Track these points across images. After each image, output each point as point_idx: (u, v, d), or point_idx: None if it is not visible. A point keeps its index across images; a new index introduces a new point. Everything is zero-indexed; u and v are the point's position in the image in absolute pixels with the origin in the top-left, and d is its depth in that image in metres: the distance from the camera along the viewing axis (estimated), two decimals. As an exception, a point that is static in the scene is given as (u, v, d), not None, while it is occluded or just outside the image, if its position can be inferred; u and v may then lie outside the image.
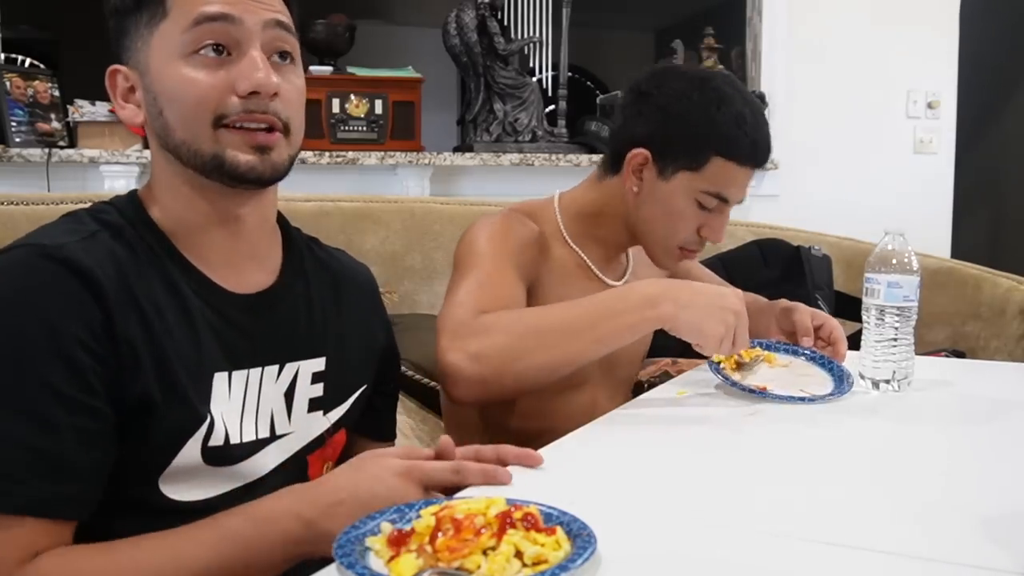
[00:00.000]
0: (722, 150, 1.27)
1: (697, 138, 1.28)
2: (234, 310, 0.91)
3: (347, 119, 2.88)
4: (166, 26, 0.86)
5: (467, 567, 0.65)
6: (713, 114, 1.27)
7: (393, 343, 1.14)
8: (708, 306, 1.13)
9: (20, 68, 2.69)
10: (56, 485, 0.76)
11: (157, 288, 0.86)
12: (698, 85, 1.30)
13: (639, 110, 1.33)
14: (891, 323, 1.24)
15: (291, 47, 0.90)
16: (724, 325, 1.12)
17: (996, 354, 2.32)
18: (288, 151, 0.90)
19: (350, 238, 2.04)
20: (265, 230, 0.96)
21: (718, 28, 3.53)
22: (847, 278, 2.34)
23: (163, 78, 0.87)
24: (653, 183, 1.31)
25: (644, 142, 1.31)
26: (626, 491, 0.88)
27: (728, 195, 1.31)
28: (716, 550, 0.73)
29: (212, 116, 0.85)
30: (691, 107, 1.28)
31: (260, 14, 0.87)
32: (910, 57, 3.64)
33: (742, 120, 1.27)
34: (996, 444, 1.07)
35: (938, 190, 3.70)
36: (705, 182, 1.28)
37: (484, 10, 3.06)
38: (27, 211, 1.62)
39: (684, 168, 1.29)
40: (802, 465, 0.98)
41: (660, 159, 1.30)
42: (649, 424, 1.14)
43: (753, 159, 1.30)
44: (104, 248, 0.84)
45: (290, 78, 0.90)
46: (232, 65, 0.86)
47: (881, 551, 0.72)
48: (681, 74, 1.34)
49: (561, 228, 1.38)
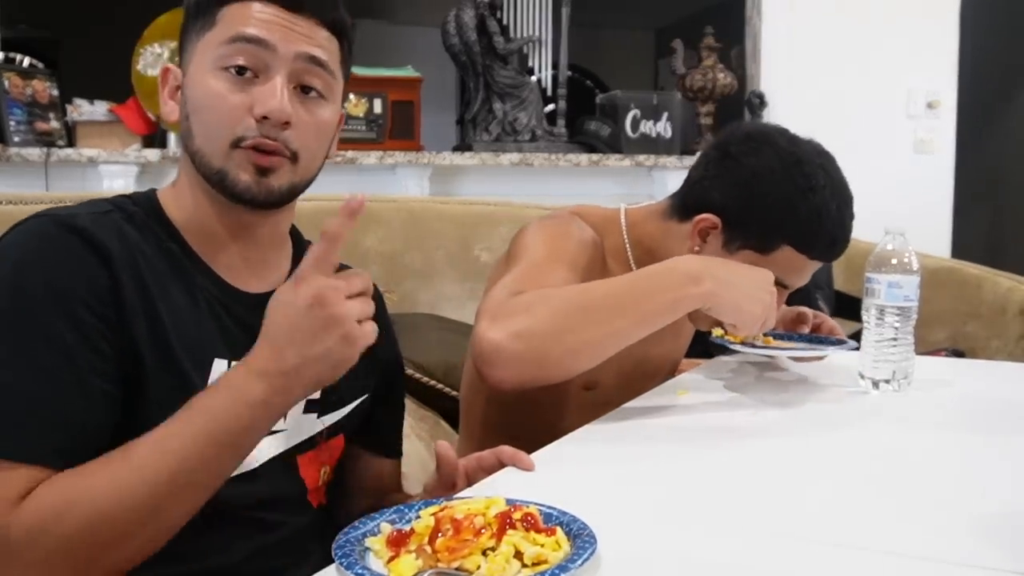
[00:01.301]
0: (795, 242, 1.22)
1: (772, 223, 1.21)
2: (238, 306, 0.93)
3: (346, 118, 2.88)
4: (210, 36, 0.89)
5: (467, 567, 0.65)
6: (796, 202, 1.20)
7: (397, 354, 1.14)
8: (748, 286, 1.10)
9: (19, 67, 2.68)
10: (52, 434, 0.77)
11: (164, 270, 0.88)
12: (790, 164, 1.22)
13: (722, 172, 1.26)
14: (891, 323, 1.24)
15: (322, 84, 0.92)
16: (762, 305, 1.10)
17: (996, 354, 2.32)
18: (291, 178, 0.91)
19: (349, 237, 2.04)
20: (276, 243, 0.99)
21: (718, 27, 3.53)
22: (847, 278, 2.34)
23: (195, 85, 0.90)
24: (716, 251, 1.24)
25: (718, 209, 1.24)
26: (626, 491, 0.88)
27: (790, 284, 1.25)
28: (716, 550, 0.73)
29: (231, 136, 0.88)
30: (774, 188, 1.21)
31: (295, 45, 0.89)
32: (910, 57, 3.64)
33: (826, 214, 1.21)
34: (996, 444, 1.07)
35: (938, 189, 3.70)
36: (772, 267, 1.18)
37: (483, 9, 3.06)
38: (26, 210, 1.61)
39: (751, 248, 1.23)
40: (802, 465, 0.98)
41: (729, 230, 1.23)
42: (649, 424, 1.14)
43: (826, 256, 1.25)
44: (115, 225, 0.86)
45: (312, 110, 0.91)
46: (255, 87, 0.88)
47: (881, 551, 0.72)
48: (775, 144, 1.25)
49: (627, 246, 1.32)
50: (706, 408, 1.21)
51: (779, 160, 1.22)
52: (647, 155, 3.24)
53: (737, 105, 3.54)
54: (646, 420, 1.16)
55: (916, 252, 1.26)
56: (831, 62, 3.55)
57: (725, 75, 3.46)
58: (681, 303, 1.09)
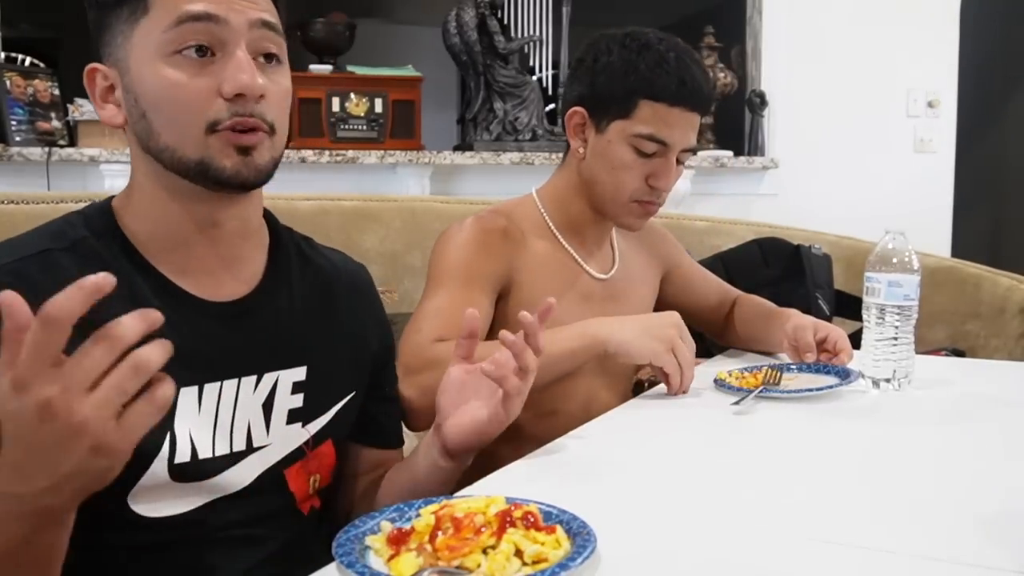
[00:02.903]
0: (648, 92, 1.30)
1: (623, 85, 1.31)
2: (208, 320, 0.88)
3: (347, 118, 2.88)
4: (147, 23, 0.83)
5: (467, 566, 0.65)
6: (634, 60, 1.31)
7: (390, 345, 1.10)
8: (643, 324, 1.22)
9: (20, 67, 2.68)
10: None
11: (115, 306, 0.78)
12: (620, 39, 1.34)
13: (573, 76, 1.39)
14: (891, 322, 1.24)
15: (277, 48, 0.87)
16: (660, 340, 1.20)
17: (996, 353, 2.32)
18: (271, 152, 0.87)
19: (350, 237, 2.04)
20: (246, 235, 0.93)
21: (718, 27, 3.52)
22: (847, 277, 2.34)
23: (144, 79, 0.83)
24: (593, 140, 1.35)
25: (579, 102, 1.36)
26: (626, 490, 0.88)
27: (664, 138, 1.31)
28: (716, 549, 0.73)
29: (204, 123, 0.83)
30: (614, 59, 1.32)
31: (246, 13, 0.84)
32: (910, 56, 3.64)
33: (665, 62, 1.30)
34: (996, 443, 1.07)
35: (938, 189, 3.70)
36: (637, 126, 1.31)
37: (484, 9, 3.06)
38: (27, 210, 1.62)
39: (616, 117, 1.32)
40: (802, 464, 0.98)
41: (594, 114, 1.34)
42: (649, 424, 1.14)
43: (682, 98, 1.31)
44: (50, 268, 0.80)
45: (276, 79, 0.87)
46: (216, 66, 0.83)
47: (881, 549, 0.72)
48: (607, 34, 1.38)
49: (546, 219, 1.41)
50: (706, 408, 1.21)
51: (611, 40, 1.35)
52: (647, 155, 3.24)
53: (738, 104, 3.54)
54: (646, 420, 1.16)
55: (916, 251, 1.26)
56: (831, 62, 3.55)
57: (725, 75, 3.46)
58: (578, 352, 1.21)
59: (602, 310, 1.36)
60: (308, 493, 0.96)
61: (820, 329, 1.40)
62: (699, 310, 1.58)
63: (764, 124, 3.48)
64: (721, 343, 1.63)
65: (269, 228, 0.98)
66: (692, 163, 3.25)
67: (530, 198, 1.43)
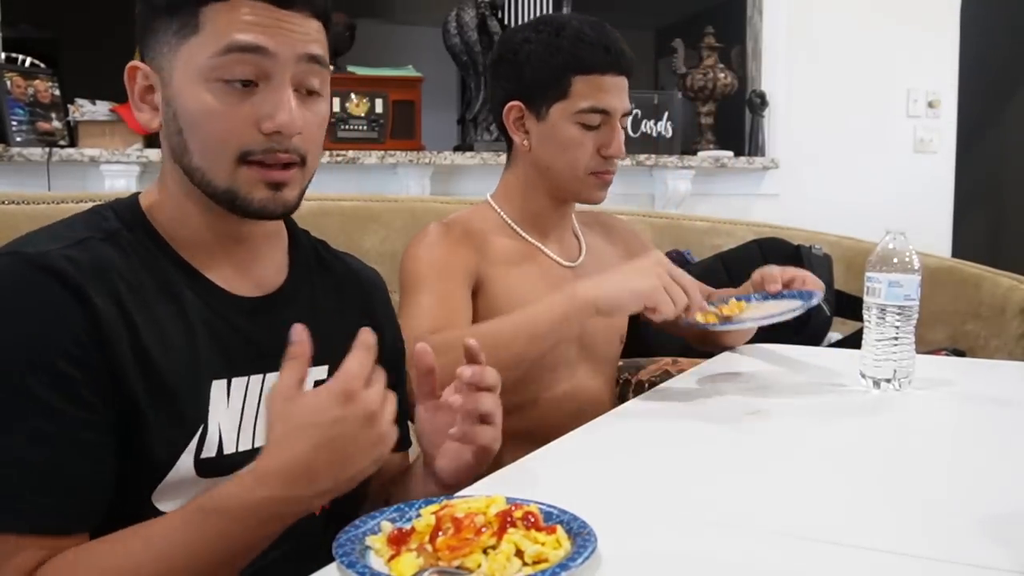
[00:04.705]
0: (578, 67, 1.33)
1: (552, 68, 1.33)
2: (237, 314, 0.89)
3: (347, 118, 2.88)
4: (196, 42, 0.82)
5: (467, 566, 0.65)
6: (556, 41, 1.33)
7: (401, 349, 1.10)
8: (625, 272, 1.20)
9: (21, 67, 2.68)
10: (53, 500, 0.75)
11: (151, 294, 0.83)
12: (534, 27, 1.37)
13: (497, 76, 1.41)
14: (892, 322, 1.24)
15: (321, 81, 0.87)
16: (649, 278, 1.15)
17: (996, 353, 2.32)
18: (301, 184, 0.88)
19: (350, 237, 2.04)
20: (270, 239, 0.95)
21: (718, 27, 3.52)
22: (848, 277, 2.34)
23: (185, 98, 0.84)
24: (536, 129, 1.37)
25: (512, 97, 1.37)
26: (626, 490, 0.88)
27: (604, 106, 1.34)
28: (716, 549, 0.73)
29: (236, 152, 0.83)
30: (535, 46, 1.35)
31: (295, 47, 0.83)
32: (910, 56, 3.64)
33: (584, 35, 1.33)
34: (996, 443, 1.07)
35: (938, 189, 3.70)
36: (577, 102, 1.33)
37: (484, 9, 3.06)
38: (27, 210, 1.62)
39: (554, 100, 1.34)
40: (802, 464, 0.98)
41: (531, 104, 1.36)
42: (649, 424, 1.14)
43: (610, 65, 1.34)
44: (91, 254, 0.81)
45: (314, 109, 0.87)
46: (258, 97, 0.83)
47: (881, 550, 0.72)
48: (518, 28, 1.42)
49: (504, 218, 1.43)
50: (706, 407, 1.21)
51: (525, 30, 1.38)
52: (648, 155, 3.24)
53: (738, 104, 3.54)
54: (646, 420, 1.16)
55: (916, 251, 1.26)
56: (831, 62, 3.55)
57: (726, 75, 3.46)
58: (571, 315, 1.18)
59: None
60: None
61: (787, 272, 1.42)
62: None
63: (764, 124, 3.48)
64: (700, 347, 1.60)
65: (288, 230, 0.99)
66: (692, 163, 3.25)
67: (485, 204, 1.46)
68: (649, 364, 1.69)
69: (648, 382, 1.60)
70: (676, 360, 1.67)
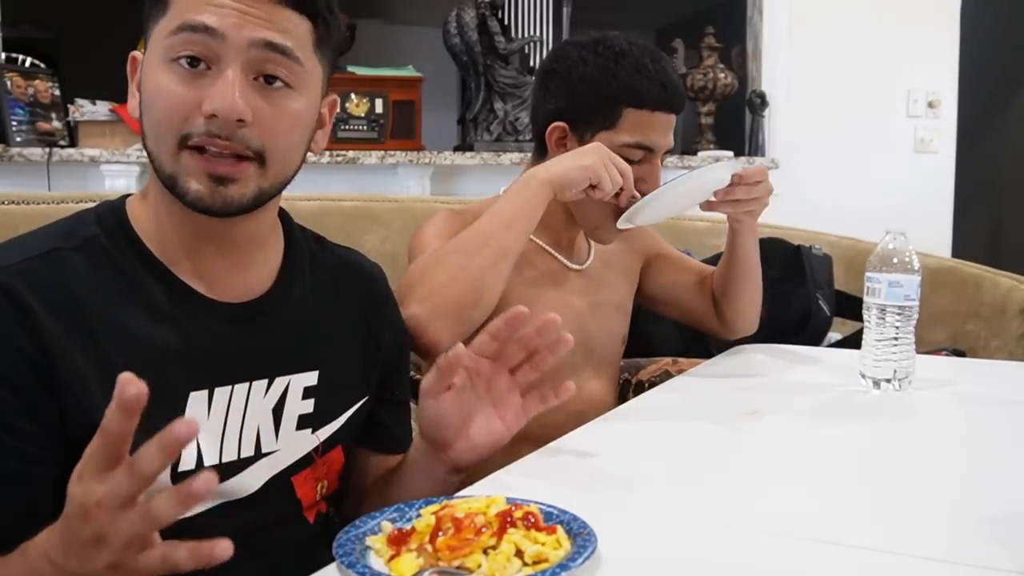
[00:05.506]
0: (631, 100, 1.30)
1: (604, 96, 1.30)
2: (220, 322, 0.86)
3: (347, 118, 2.88)
4: (163, 24, 0.81)
5: (467, 566, 0.65)
6: (612, 68, 1.30)
7: (403, 347, 1.07)
8: (574, 154, 1.23)
9: (21, 67, 2.68)
10: None
11: (124, 307, 0.80)
12: (592, 48, 1.33)
13: (546, 88, 1.37)
14: (892, 322, 1.24)
15: (286, 72, 0.82)
16: (592, 158, 1.20)
17: (996, 353, 2.31)
18: (259, 183, 0.82)
19: (350, 238, 2.04)
20: (258, 243, 0.90)
21: (718, 27, 3.53)
22: (848, 277, 2.34)
23: (146, 79, 0.82)
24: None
25: (558, 115, 1.34)
26: (626, 491, 0.88)
27: (650, 143, 1.32)
28: (716, 549, 0.73)
29: (177, 134, 0.80)
30: (591, 69, 1.31)
31: (248, 31, 0.79)
32: (910, 57, 3.64)
33: (643, 68, 1.30)
34: (996, 443, 1.07)
35: (938, 189, 3.70)
36: (623, 135, 1.30)
37: (484, 9, 3.06)
38: (27, 210, 1.62)
39: (600, 128, 1.31)
40: (802, 464, 0.98)
41: (576, 127, 1.33)
42: (649, 424, 1.14)
43: (664, 102, 1.32)
44: (51, 268, 0.78)
45: (277, 102, 0.82)
46: (206, 80, 0.79)
47: (881, 550, 0.72)
48: (576, 43, 1.37)
49: None
50: (706, 407, 1.21)
51: (582, 48, 1.34)
52: (648, 155, 3.24)
53: (738, 105, 3.54)
54: (646, 420, 1.16)
55: (916, 251, 1.26)
56: (831, 62, 3.55)
57: (726, 75, 3.46)
58: (532, 200, 1.20)
59: (579, 299, 1.36)
60: (315, 500, 0.94)
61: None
62: (686, 292, 1.55)
63: (764, 124, 3.48)
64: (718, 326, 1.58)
65: (284, 229, 0.95)
66: (692, 163, 3.25)
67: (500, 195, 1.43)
68: (649, 364, 1.69)
69: (648, 382, 1.60)
70: (676, 360, 1.67)
